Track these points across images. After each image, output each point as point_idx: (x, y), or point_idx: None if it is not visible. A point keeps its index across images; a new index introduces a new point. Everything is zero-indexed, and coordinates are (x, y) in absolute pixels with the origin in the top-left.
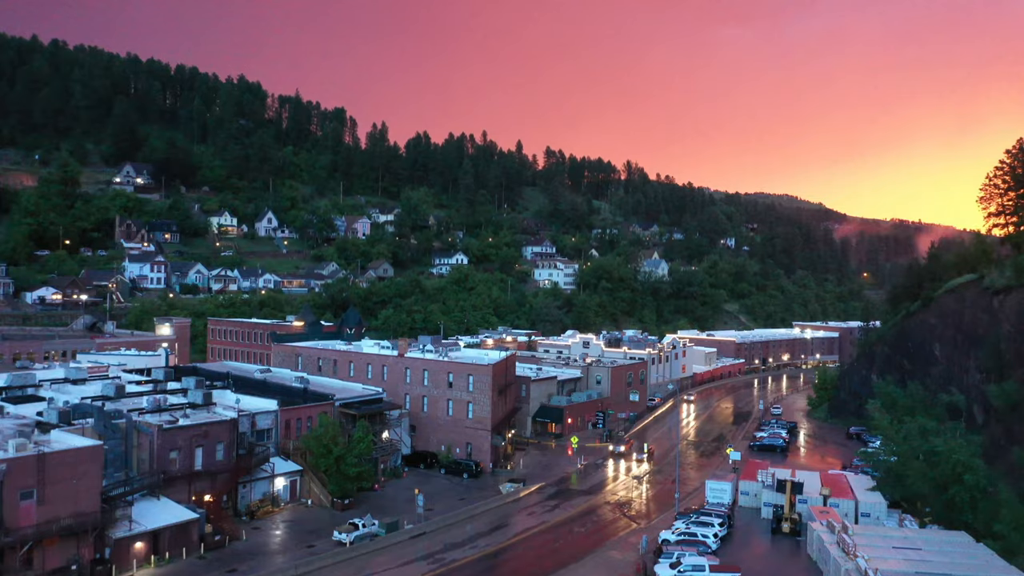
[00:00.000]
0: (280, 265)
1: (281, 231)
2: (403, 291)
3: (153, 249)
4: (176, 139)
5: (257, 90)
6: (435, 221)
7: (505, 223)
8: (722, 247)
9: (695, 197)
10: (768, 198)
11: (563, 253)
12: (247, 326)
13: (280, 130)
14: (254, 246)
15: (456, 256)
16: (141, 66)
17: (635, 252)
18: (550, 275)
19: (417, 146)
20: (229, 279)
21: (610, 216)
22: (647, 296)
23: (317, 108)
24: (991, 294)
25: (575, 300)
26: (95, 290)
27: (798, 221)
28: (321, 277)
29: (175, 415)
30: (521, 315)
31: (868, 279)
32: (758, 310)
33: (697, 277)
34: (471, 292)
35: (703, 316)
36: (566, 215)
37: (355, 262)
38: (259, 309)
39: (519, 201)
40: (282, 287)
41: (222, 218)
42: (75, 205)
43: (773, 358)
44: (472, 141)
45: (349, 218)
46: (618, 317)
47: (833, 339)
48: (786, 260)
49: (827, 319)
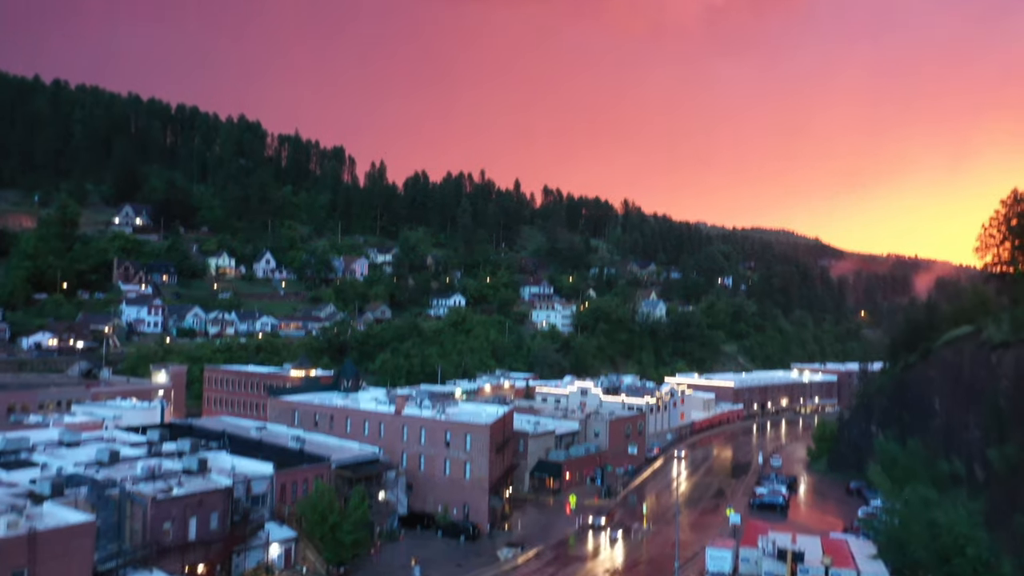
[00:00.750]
0: (278, 307)
1: (279, 272)
2: (401, 334)
3: (151, 292)
4: (176, 178)
5: (257, 129)
6: (433, 261)
7: (503, 263)
8: (719, 286)
9: (692, 235)
10: (764, 233)
11: (561, 293)
12: (243, 375)
13: (279, 169)
14: (252, 287)
15: (454, 297)
16: (142, 105)
17: (633, 292)
18: (548, 317)
19: (415, 185)
20: (226, 322)
21: (608, 255)
22: (645, 337)
23: (316, 147)
24: (989, 349)
25: (573, 343)
26: (92, 335)
27: (795, 258)
28: (318, 320)
29: (169, 483)
30: (519, 358)
31: (866, 318)
32: (756, 351)
33: (695, 318)
34: (469, 335)
35: (701, 358)
36: (564, 254)
37: (353, 304)
38: (256, 354)
39: (517, 240)
40: (279, 330)
41: (220, 259)
42: (74, 247)
43: (772, 403)
44: (470, 180)
45: (347, 258)
46: (616, 359)
47: (832, 383)
48: (784, 299)
49: (825, 359)
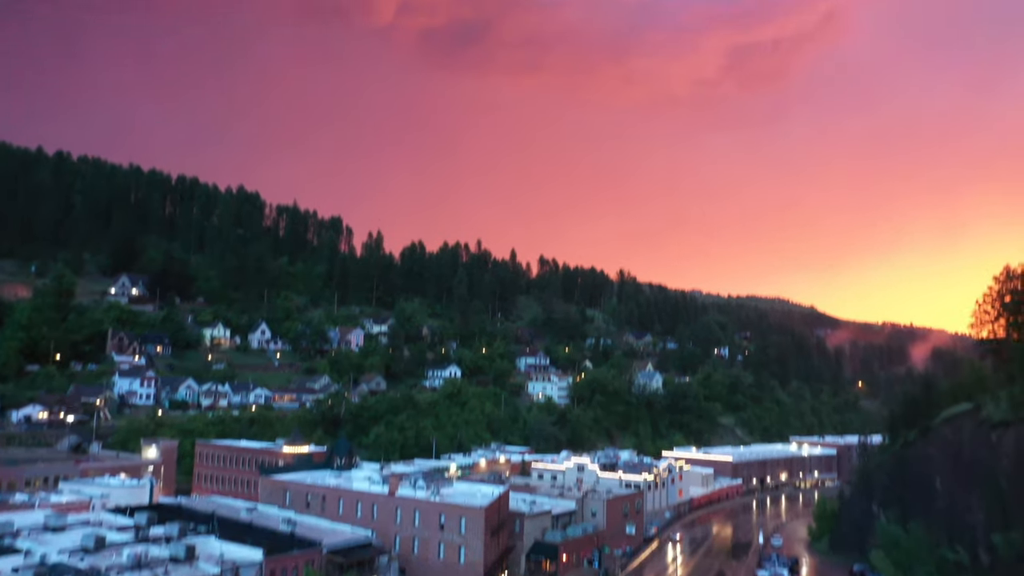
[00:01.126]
0: (272, 378)
1: (274, 343)
2: (395, 407)
3: (144, 363)
4: (174, 248)
5: (256, 200)
6: (429, 332)
7: (499, 333)
8: (716, 357)
9: (688, 305)
10: (759, 301)
11: (557, 364)
12: (235, 451)
13: (277, 239)
14: (247, 358)
15: (449, 368)
16: (143, 176)
17: (629, 363)
18: (544, 388)
19: (412, 255)
20: (220, 394)
21: (604, 325)
22: (642, 409)
23: (314, 217)
24: (989, 427)
25: (569, 415)
26: (83, 407)
27: (791, 328)
28: (312, 391)
29: (156, 572)
30: (515, 431)
31: (863, 389)
32: (754, 423)
33: (692, 390)
34: (464, 407)
35: (699, 430)
36: (560, 324)
37: (347, 375)
38: (249, 427)
39: (513, 310)
40: (273, 402)
41: (215, 330)
42: (68, 317)
43: (771, 477)
44: (466, 250)
45: (343, 329)
46: (613, 432)
47: (831, 456)
48: (780, 370)
49: (824, 431)
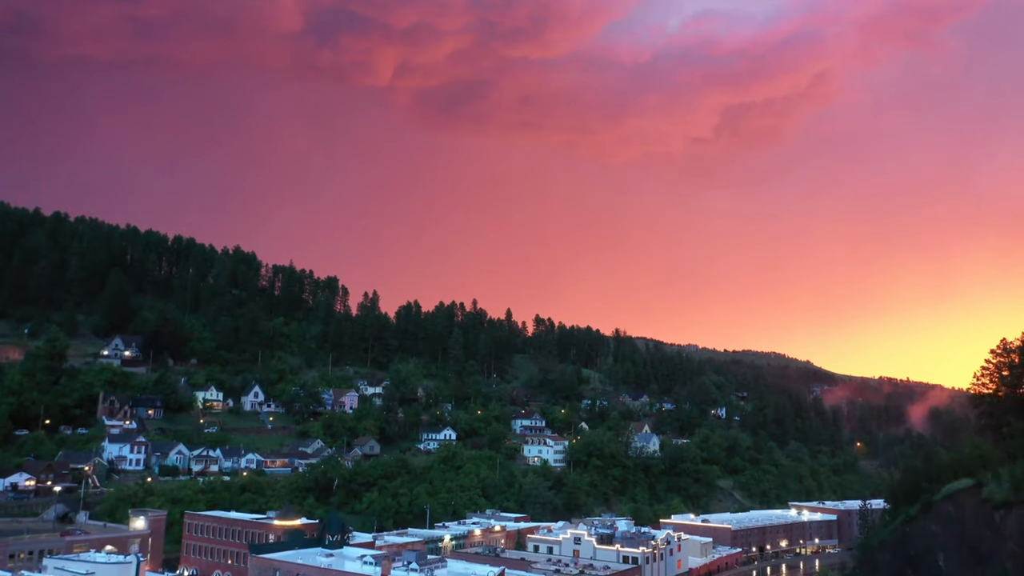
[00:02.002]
0: (264, 442)
1: (267, 405)
2: (389, 471)
3: (135, 427)
4: (168, 309)
5: (252, 260)
6: (423, 393)
7: (494, 395)
8: (713, 418)
9: (685, 364)
10: (756, 356)
11: (553, 426)
12: (225, 522)
13: (273, 299)
14: (239, 421)
15: (444, 431)
16: (139, 237)
17: (625, 425)
18: (539, 452)
19: (408, 315)
20: (211, 459)
21: (599, 385)
22: (639, 473)
23: (310, 277)
24: (991, 507)
25: (565, 479)
26: (72, 474)
27: (787, 387)
28: (305, 456)
29: None
30: (510, 496)
31: (862, 449)
32: (753, 487)
33: (689, 452)
34: (459, 471)
35: (696, 494)
36: (555, 385)
37: (341, 439)
38: (240, 495)
39: (508, 369)
40: (265, 467)
41: (208, 392)
42: (60, 380)
43: (771, 545)
44: (462, 309)
45: (337, 391)
46: (610, 496)
47: (831, 522)
48: (778, 431)
49: (823, 494)
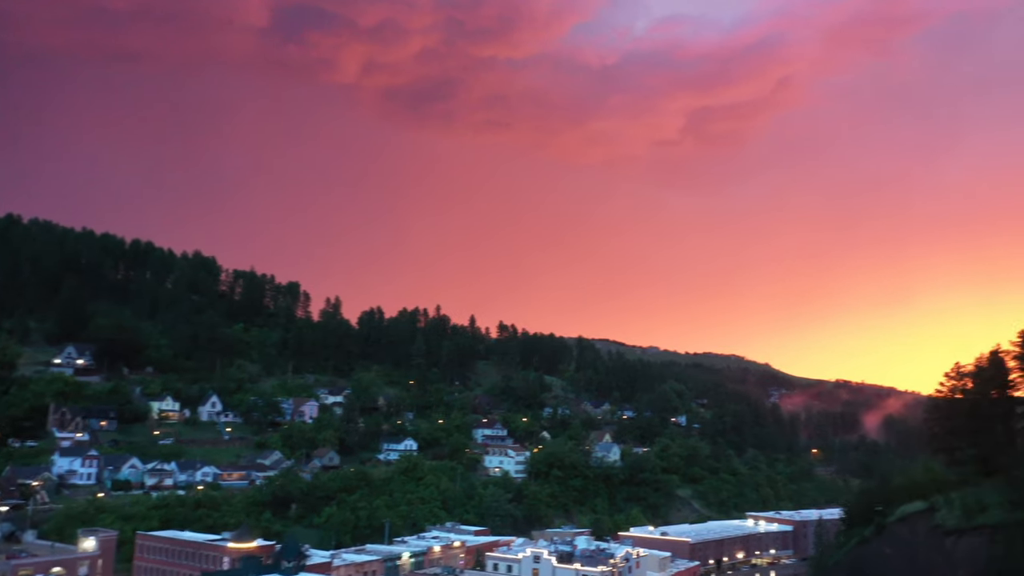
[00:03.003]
0: (221, 454)
1: (225, 415)
2: (349, 484)
3: (87, 439)
4: (124, 315)
5: (212, 265)
6: (385, 401)
7: (456, 403)
8: (673, 425)
9: (646, 371)
10: (716, 359)
11: (515, 435)
12: (178, 544)
13: (233, 305)
14: (195, 432)
15: (405, 442)
16: (95, 240)
17: (587, 434)
18: (501, 462)
19: (370, 321)
20: (165, 473)
21: (562, 393)
22: (599, 483)
23: (271, 282)
24: (943, 533)
25: (526, 491)
26: (19, 490)
27: (746, 393)
28: (263, 468)
29: None
30: (470, 508)
31: (818, 456)
32: (711, 496)
33: (649, 462)
34: (419, 483)
35: (656, 503)
36: (518, 393)
37: (300, 450)
38: (195, 510)
39: (471, 376)
40: (221, 480)
41: (164, 403)
42: (9, 390)
43: (728, 556)
44: (425, 315)
45: (296, 400)
46: (570, 507)
47: (787, 532)
48: (737, 438)
49: (779, 502)
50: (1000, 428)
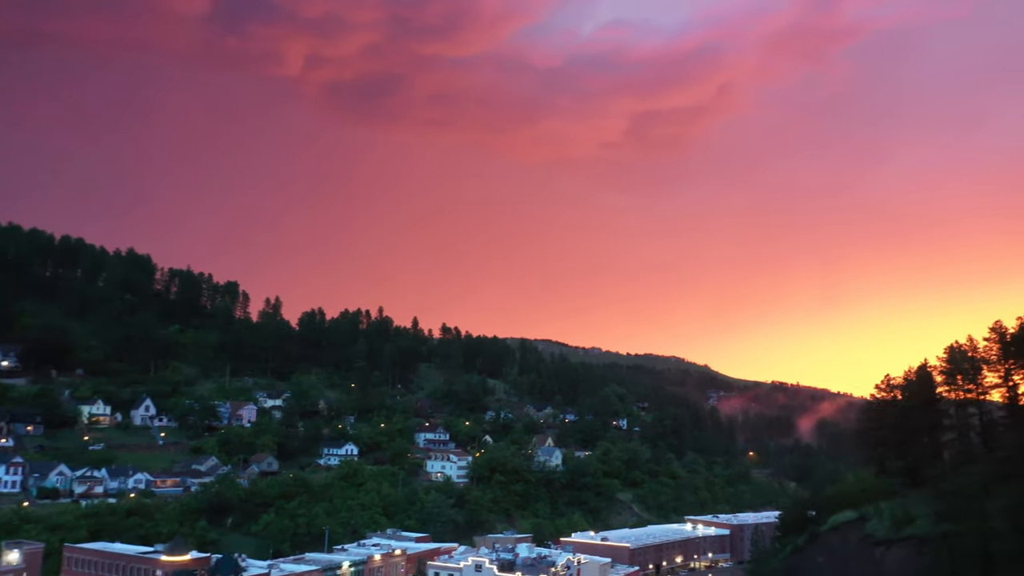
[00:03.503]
0: (155, 460)
1: (159, 419)
2: (288, 491)
3: (12, 444)
4: (53, 314)
5: (146, 263)
6: (325, 405)
7: (398, 407)
8: (615, 428)
9: (588, 375)
10: (657, 360)
11: (457, 439)
12: (107, 557)
13: (168, 304)
14: (128, 437)
15: (346, 447)
16: (22, 235)
17: (529, 439)
18: (443, 467)
19: (311, 323)
20: (95, 480)
21: (505, 396)
22: (541, 488)
23: (209, 281)
24: (873, 543)
25: (468, 496)
26: None
27: (686, 396)
28: (199, 474)
29: None
30: (412, 514)
31: (754, 458)
32: (651, 500)
33: (590, 467)
34: (360, 488)
35: (597, 508)
36: (460, 396)
37: (238, 456)
38: (126, 519)
39: (413, 379)
40: (155, 487)
41: (95, 407)
42: None
43: (667, 561)
44: (368, 317)
45: (234, 404)
46: (512, 512)
47: (725, 536)
48: (676, 441)
49: (716, 505)
50: (927, 440)
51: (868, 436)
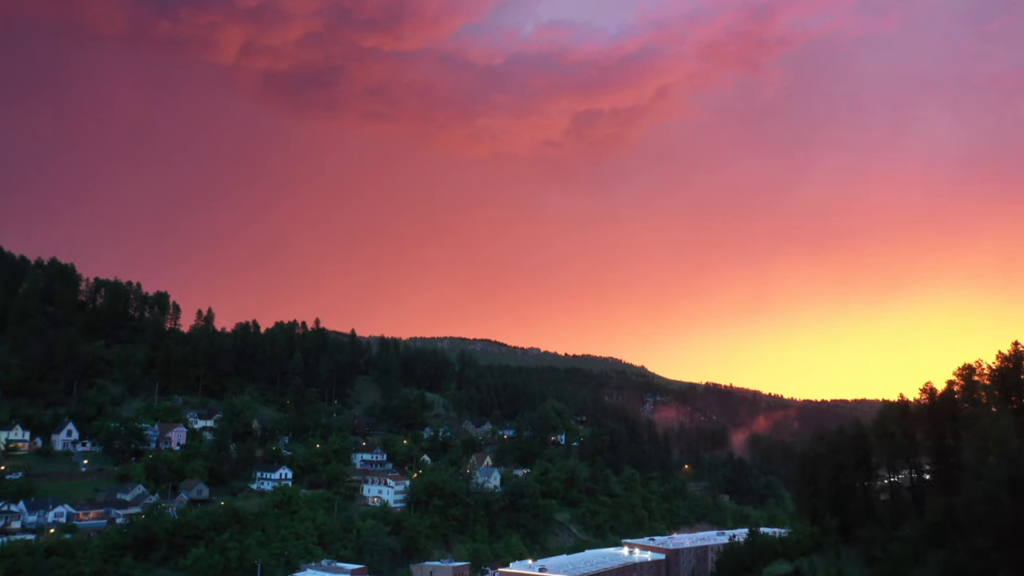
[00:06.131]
0: (77, 489)
1: (82, 444)
2: (218, 522)
3: None
4: None
5: (70, 273)
6: (259, 425)
7: (335, 425)
8: (553, 443)
9: (527, 389)
10: (594, 361)
11: (394, 459)
12: None
13: (93, 316)
14: (49, 464)
15: (280, 470)
16: None
17: (468, 458)
18: (380, 492)
19: (245, 336)
20: (12, 515)
21: (443, 411)
22: (479, 511)
23: (137, 291)
24: None
25: (405, 523)
26: None
27: (623, 402)
28: (124, 504)
29: None
30: (347, 543)
31: (689, 472)
32: (588, 520)
33: (529, 487)
34: (295, 516)
35: (535, 530)
36: (398, 412)
37: (166, 484)
38: (46, 559)
39: (351, 394)
40: (77, 520)
41: (12, 432)
42: None
43: None
44: (304, 328)
45: (163, 426)
46: (450, 537)
47: (661, 561)
48: (613, 456)
49: (653, 523)
50: (860, 499)
51: (803, 487)
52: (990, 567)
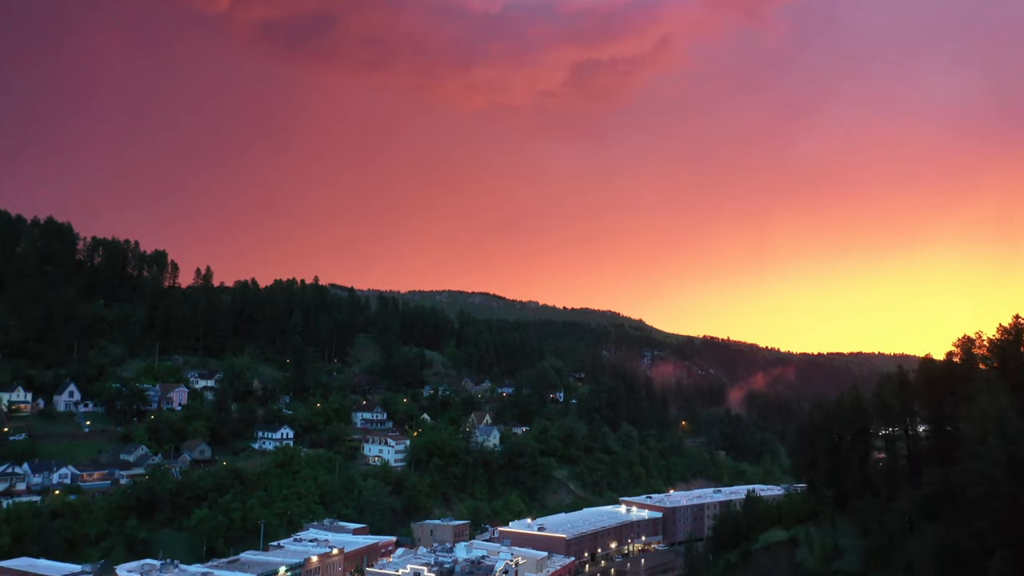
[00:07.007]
0: (81, 449)
1: (84, 405)
2: (221, 483)
3: None
4: None
5: (67, 232)
6: (260, 385)
7: (335, 385)
8: (552, 402)
9: (526, 346)
10: (593, 314)
11: (394, 418)
12: None
13: (92, 276)
14: (51, 426)
15: (281, 430)
16: None
17: (467, 416)
18: (380, 451)
19: (244, 295)
20: (16, 477)
21: (443, 369)
22: (479, 469)
23: (135, 250)
24: (803, 572)
25: (406, 482)
26: None
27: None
28: (128, 465)
29: None
30: (349, 503)
31: (686, 428)
32: (586, 477)
33: (528, 446)
34: (296, 476)
35: (534, 487)
36: (398, 371)
37: (168, 444)
38: (52, 521)
39: (350, 352)
40: (81, 482)
41: (14, 393)
42: None
43: (602, 548)
44: (303, 286)
45: (164, 386)
46: (450, 495)
47: (657, 519)
48: (612, 414)
49: (650, 480)
50: (857, 470)
51: (801, 455)
52: (987, 548)
